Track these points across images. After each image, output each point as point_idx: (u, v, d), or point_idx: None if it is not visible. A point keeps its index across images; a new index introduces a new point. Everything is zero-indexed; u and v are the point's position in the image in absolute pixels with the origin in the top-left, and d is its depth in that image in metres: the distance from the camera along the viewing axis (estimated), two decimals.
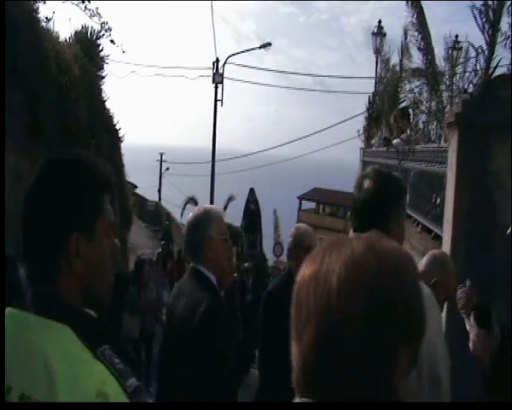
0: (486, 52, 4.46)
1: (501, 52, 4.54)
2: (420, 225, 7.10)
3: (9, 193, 7.86)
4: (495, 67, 4.57)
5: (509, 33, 4.49)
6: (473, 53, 8.16)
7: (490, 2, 4.30)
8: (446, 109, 6.98)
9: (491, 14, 4.29)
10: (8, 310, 1.26)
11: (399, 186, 2.35)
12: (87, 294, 1.31)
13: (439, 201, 5.97)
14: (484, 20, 4.37)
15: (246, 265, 13.33)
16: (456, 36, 11.07)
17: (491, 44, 4.49)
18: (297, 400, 0.97)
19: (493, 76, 4.58)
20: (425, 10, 8.80)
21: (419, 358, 0.99)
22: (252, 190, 16.37)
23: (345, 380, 0.91)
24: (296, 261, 3.77)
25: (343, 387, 0.91)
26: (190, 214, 2.86)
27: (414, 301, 0.94)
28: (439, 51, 9.08)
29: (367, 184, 2.25)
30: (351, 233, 2.34)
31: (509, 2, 4.34)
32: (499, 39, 4.44)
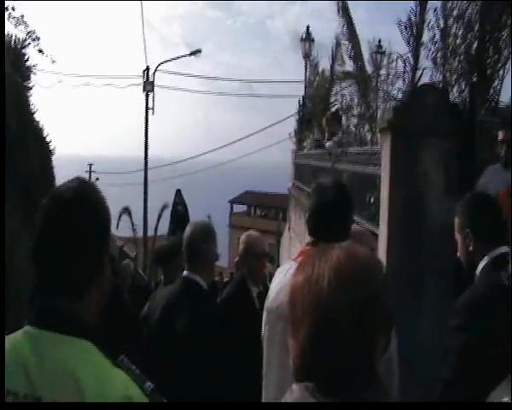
0: (412, 62, 4.83)
1: (424, 62, 4.98)
2: (355, 223, 7.43)
3: None
4: (420, 76, 4.96)
5: (430, 46, 4.93)
6: (395, 56, 8.68)
7: (413, 19, 4.68)
8: (376, 115, 7.38)
9: (414, 29, 4.66)
10: (26, 328, 1.36)
11: (351, 198, 2.58)
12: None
13: (373, 200, 6.32)
14: (409, 34, 4.74)
15: None
16: (379, 40, 11.68)
17: (416, 56, 4.87)
18: (295, 386, 1.16)
19: (419, 84, 4.96)
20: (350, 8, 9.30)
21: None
22: (178, 192, 15.60)
23: (337, 363, 1.11)
24: (248, 268, 3.89)
25: (336, 369, 1.11)
26: (190, 226, 3.05)
27: (384, 294, 1.17)
28: (364, 53, 9.59)
29: (330, 193, 2.44)
30: (307, 236, 2.54)
31: (429, 19, 4.77)
32: (422, 51, 4.85)
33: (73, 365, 1.28)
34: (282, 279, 2.56)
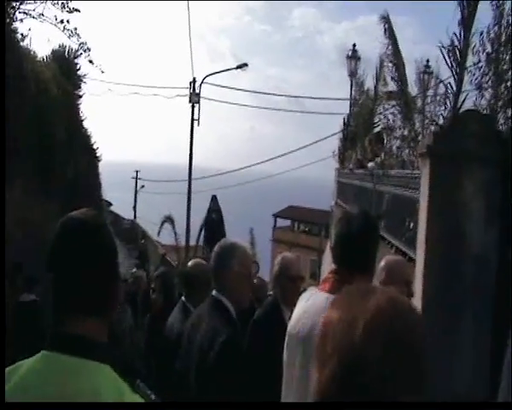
0: (455, 88, 4.70)
1: (468, 88, 4.83)
2: (394, 248, 7.28)
3: None
4: (463, 102, 4.82)
5: (474, 71, 4.77)
6: (443, 76, 8.50)
7: (456, 43, 4.55)
8: (419, 137, 7.23)
9: (458, 53, 4.53)
10: (43, 353, 1.38)
11: (378, 229, 2.63)
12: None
13: (412, 225, 6.17)
14: (452, 58, 4.62)
15: None
16: (427, 60, 11.46)
17: (459, 81, 4.74)
18: None
19: (461, 110, 4.82)
20: (395, 30, 9.19)
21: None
22: (214, 198, 14.95)
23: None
24: (282, 290, 3.84)
25: None
26: (217, 245, 3.02)
27: (421, 351, 1.11)
28: (410, 73, 9.43)
29: (354, 223, 2.45)
30: (332, 265, 2.50)
31: (474, 43, 4.61)
32: (466, 77, 4.71)
33: (97, 389, 1.30)
34: (304, 305, 2.56)
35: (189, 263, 4.22)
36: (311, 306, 2.50)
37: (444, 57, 4.61)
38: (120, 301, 1.64)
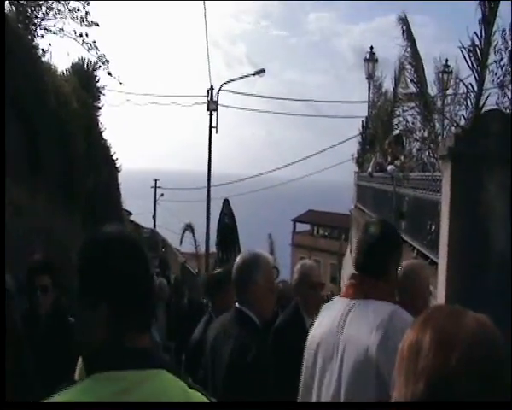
0: (476, 88, 4.65)
1: (489, 87, 4.76)
2: (415, 251, 7.22)
3: (10, 225, 7.96)
4: (484, 102, 4.76)
5: (496, 69, 4.70)
6: (463, 75, 8.41)
7: (477, 42, 4.50)
8: (439, 138, 7.17)
9: (478, 52, 4.48)
10: (96, 375, 1.36)
11: (399, 235, 2.69)
12: None
13: (434, 228, 6.11)
14: (473, 58, 4.56)
15: None
16: (447, 60, 11.36)
17: (481, 81, 4.68)
18: None
19: (483, 110, 4.76)
20: (413, 30, 9.12)
21: None
22: (226, 202, 14.42)
23: None
24: (303, 298, 3.81)
25: None
26: (239, 256, 2.99)
27: (507, 364, 1.11)
28: (429, 72, 9.33)
29: (374, 231, 2.52)
30: (352, 270, 2.52)
31: (496, 42, 4.55)
32: (488, 76, 4.65)
33: (166, 392, 1.36)
34: (326, 314, 2.56)
35: (215, 271, 4.18)
36: (332, 311, 2.52)
37: (464, 57, 4.56)
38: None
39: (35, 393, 2.70)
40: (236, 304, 2.88)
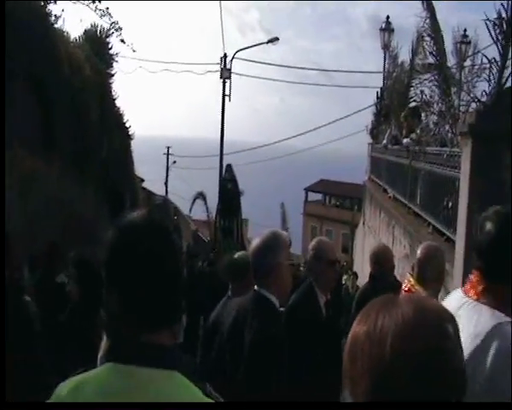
0: (499, 62, 4.51)
1: None
2: (431, 226, 7.16)
3: (27, 194, 8.02)
4: (507, 78, 4.62)
5: None
6: (481, 45, 8.16)
7: (504, 15, 4.35)
8: (458, 113, 7.02)
9: (504, 25, 4.34)
10: (110, 364, 1.34)
11: None
12: None
13: (450, 204, 6.03)
14: (498, 31, 4.42)
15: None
16: (465, 30, 11.07)
17: (504, 55, 4.54)
18: None
19: (506, 86, 4.63)
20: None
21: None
22: (228, 167, 13.60)
23: None
24: (317, 275, 3.77)
25: None
26: (258, 238, 2.89)
27: (457, 357, 1.06)
28: (447, 42, 9.06)
29: (490, 226, 2.06)
30: (475, 274, 2.22)
31: None
32: None
33: (178, 396, 1.29)
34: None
35: (238, 254, 4.06)
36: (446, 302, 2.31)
37: (488, 29, 4.41)
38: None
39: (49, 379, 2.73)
40: (255, 287, 2.83)
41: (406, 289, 3.65)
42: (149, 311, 1.34)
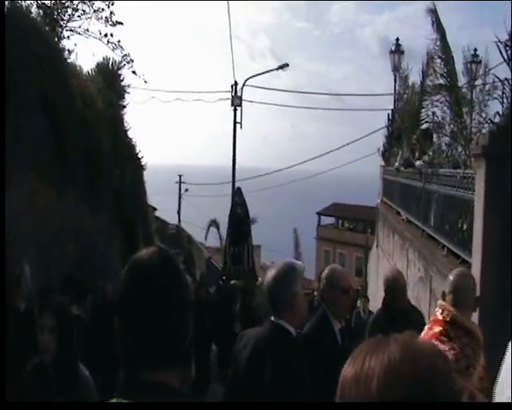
0: (511, 83, 4.50)
1: None
2: (445, 249, 7.09)
3: (41, 225, 8.08)
4: None
5: None
6: (492, 64, 8.13)
7: None
8: (471, 134, 7.00)
9: None
10: (114, 400, 1.34)
11: None
12: None
13: (465, 226, 5.97)
14: (509, 52, 4.42)
15: (233, 283, 10.82)
16: (475, 49, 11.07)
17: None
18: None
19: None
20: (442, 16, 8.86)
21: None
22: (238, 191, 12.98)
23: None
24: (330, 302, 3.73)
25: None
26: (273, 269, 2.90)
27: (448, 396, 1.00)
28: (457, 62, 9.04)
29: None
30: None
31: None
32: None
33: None
34: None
35: None
36: None
37: (499, 50, 4.41)
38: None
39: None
40: (272, 318, 2.81)
41: (448, 319, 3.26)
42: (149, 350, 1.35)
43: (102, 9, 11.56)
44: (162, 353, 1.36)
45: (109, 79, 13.05)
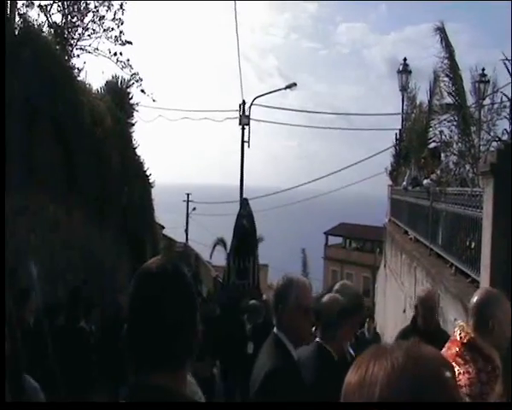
0: None
1: None
2: (454, 267, 7.04)
3: (46, 240, 8.12)
4: None
5: None
6: (500, 83, 8.14)
7: None
8: (479, 153, 6.98)
9: None
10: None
11: None
12: None
13: (473, 245, 5.94)
14: None
15: (251, 303, 10.07)
16: (483, 69, 11.08)
17: None
18: None
19: None
20: (450, 35, 8.86)
21: None
22: (245, 202, 12.17)
23: None
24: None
25: None
26: (277, 281, 2.96)
27: (450, 398, 1.00)
28: (465, 81, 9.03)
29: None
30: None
31: None
32: None
33: None
34: None
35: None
36: None
37: (507, 69, 4.42)
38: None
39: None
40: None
41: (465, 341, 3.00)
42: (147, 354, 1.38)
43: (112, 29, 11.76)
44: (167, 357, 1.39)
45: (118, 97, 13.19)
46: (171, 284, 1.43)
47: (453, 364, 1.90)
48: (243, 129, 20.41)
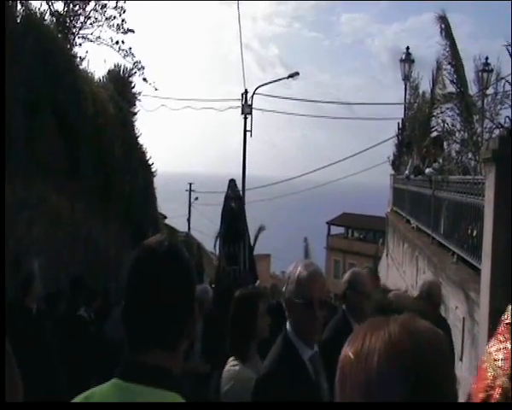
0: None
1: None
2: (455, 256, 7.05)
3: (49, 231, 8.14)
4: None
5: None
6: (504, 73, 8.09)
7: None
8: (481, 141, 6.96)
9: None
10: (115, 382, 1.38)
11: None
12: None
13: (475, 233, 5.94)
14: None
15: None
16: (487, 58, 11.01)
17: None
18: None
19: None
20: (452, 26, 8.80)
21: None
22: (232, 182, 11.35)
23: None
24: (352, 304, 3.72)
25: None
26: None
27: (445, 376, 1.03)
28: (468, 71, 8.97)
29: None
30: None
31: None
32: None
33: None
34: None
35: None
36: None
37: (510, 55, 4.39)
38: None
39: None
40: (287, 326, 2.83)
41: (507, 320, 3.06)
42: (143, 331, 1.38)
43: (114, 17, 11.73)
44: (162, 336, 1.39)
45: (120, 85, 13.17)
46: (170, 260, 1.42)
47: (495, 340, 1.91)
48: (245, 118, 20.38)
